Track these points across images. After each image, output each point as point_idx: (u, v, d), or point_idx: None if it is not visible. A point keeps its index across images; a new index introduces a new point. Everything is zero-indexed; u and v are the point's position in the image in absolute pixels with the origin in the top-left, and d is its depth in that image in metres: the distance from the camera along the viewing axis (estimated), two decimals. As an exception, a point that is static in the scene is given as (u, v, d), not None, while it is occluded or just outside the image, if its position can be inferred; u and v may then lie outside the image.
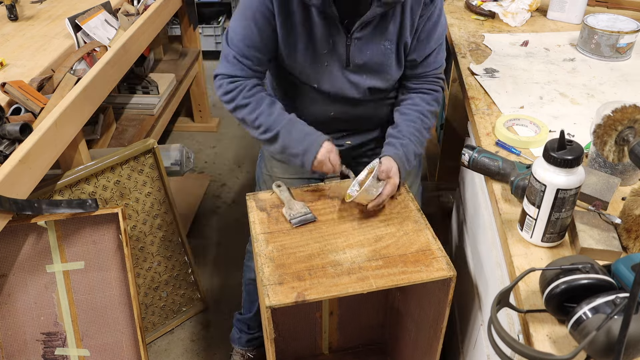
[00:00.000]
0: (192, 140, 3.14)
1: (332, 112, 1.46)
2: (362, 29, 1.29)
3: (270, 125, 1.31)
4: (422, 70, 1.41)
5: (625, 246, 1.00)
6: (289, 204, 1.32)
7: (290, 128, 1.31)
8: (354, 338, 1.75)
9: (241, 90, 1.32)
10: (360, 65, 1.35)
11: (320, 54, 1.33)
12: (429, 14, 1.32)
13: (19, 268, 1.54)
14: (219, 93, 1.35)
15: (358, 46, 1.32)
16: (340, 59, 1.34)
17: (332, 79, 1.37)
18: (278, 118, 1.32)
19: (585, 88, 1.57)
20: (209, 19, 3.87)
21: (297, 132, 1.31)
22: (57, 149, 1.45)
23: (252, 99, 1.32)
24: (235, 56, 1.31)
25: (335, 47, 1.32)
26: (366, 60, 1.34)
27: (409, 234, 1.26)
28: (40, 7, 2.19)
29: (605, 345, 0.73)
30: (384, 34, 1.31)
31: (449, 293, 1.19)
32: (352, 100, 1.42)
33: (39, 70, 1.68)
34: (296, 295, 1.10)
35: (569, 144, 0.93)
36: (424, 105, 1.41)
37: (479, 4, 2.08)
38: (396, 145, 1.35)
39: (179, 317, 2.02)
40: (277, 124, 1.31)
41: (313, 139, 1.31)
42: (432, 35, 1.35)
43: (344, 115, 1.47)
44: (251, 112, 1.32)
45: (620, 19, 1.74)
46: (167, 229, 1.87)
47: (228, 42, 1.33)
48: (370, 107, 1.47)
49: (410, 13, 1.29)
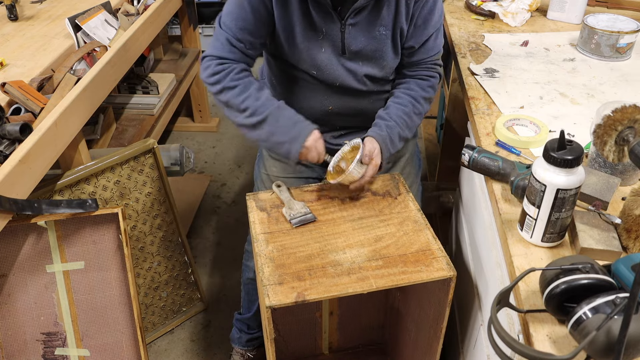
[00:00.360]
0: (192, 140, 3.14)
1: (330, 106, 1.46)
2: (355, 15, 1.28)
3: (257, 108, 1.28)
4: (420, 57, 1.40)
5: (625, 246, 1.00)
6: (289, 204, 1.32)
7: (279, 114, 1.29)
8: (354, 338, 1.75)
9: (229, 73, 1.29)
10: (356, 52, 1.35)
11: (317, 40, 1.32)
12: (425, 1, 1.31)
13: (19, 268, 1.54)
14: (206, 74, 1.31)
15: (352, 33, 1.31)
16: (336, 46, 1.34)
17: (330, 66, 1.37)
18: (266, 102, 1.29)
19: (585, 88, 1.57)
20: (209, 19, 3.87)
21: (285, 118, 1.29)
22: (57, 149, 1.45)
23: (240, 81, 1.29)
24: (227, 38, 1.29)
25: (330, 33, 1.31)
26: (361, 47, 1.34)
27: (408, 234, 1.26)
28: (40, 7, 2.19)
29: (605, 345, 0.73)
30: (378, 20, 1.30)
31: (449, 293, 1.19)
32: (350, 91, 1.42)
33: (39, 70, 1.68)
34: (296, 295, 1.10)
35: (569, 144, 0.93)
36: (418, 91, 1.40)
37: (479, 4, 2.08)
38: (381, 127, 1.35)
39: (179, 317, 2.02)
40: (265, 108, 1.28)
41: (302, 126, 1.29)
42: (429, 21, 1.34)
43: (343, 109, 1.47)
44: (238, 95, 1.29)
45: (620, 19, 1.74)
46: (167, 229, 1.87)
47: (220, 24, 1.31)
48: (367, 101, 1.46)
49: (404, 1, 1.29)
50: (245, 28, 1.28)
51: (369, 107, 1.47)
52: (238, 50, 1.30)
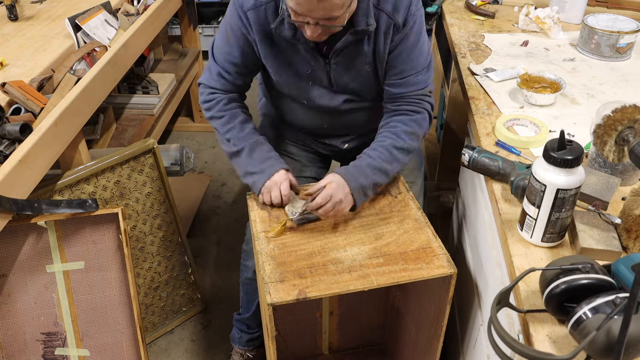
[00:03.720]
0: (192, 140, 3.14)
1: (325, 125, 1.51)
2: (337, 55, 1.32)
3: (238, 141, 1.37)
4: (401, 91, 1.37)
5: (625, 246, 1.00)
6: (292, 202, 1.32)
7: (255, 148, 1.37)
8: (354, 338, 1.75)
9: (218, 103, 1.39)
10: (344, 87, 1.39)
11: (305, 75, 1.37)
12: (402, 37, 1.30)
13: (19, 268, 1.54)
14: (200, 100, 1.44)
15: (338, 70, 1.35)
16: (324, 81, 1.38)
17: (320, 97, 1.41)
18: (247, 136, 1.38)
19: (585, 88, 1.57)
20: (209, 19, 3.87)
21: (260, 153, 1.36)
22: (57, 149, 1.45)
23: (227, 112, 1.39)
24: (218, 72, 1.38)
25: (317, 70, 1.35)
26: (348, 82, 1.38)
27: (409, 232, 1.26)
28: (40, 7, 2.19)
29: (605, 345, 0.73)
30: (361, 57, 1.33)
31: (449, 291, 1.19)
32: (342, 112, 1.45)
33: (39, 70, 1.68)
34: (297, 292, 1.10)
35: (569, 144, 0.93)
36: (400, 126, 1.36)
37: (479, 4, 2.08)
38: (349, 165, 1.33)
39: (179, 317, 2.02)
40: (244, 141, 1.37)
41: (272, 163, 1.35)
42: (409, 57, 1.33)
43: (337, 125, 1.52)
44: (224, 125, 1.39)
45: (620, 19, 1.74)
46: (167, 229, 1.87)
47: (213, 55, 1.40)
48: (361, 115, 1.49)
49: (383, 37, 1.30)
50: (233, 63, 1.37)
51: (364, 120, 1.50)
52: (228, 81, 1.39)
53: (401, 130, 1.35)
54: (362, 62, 1.33)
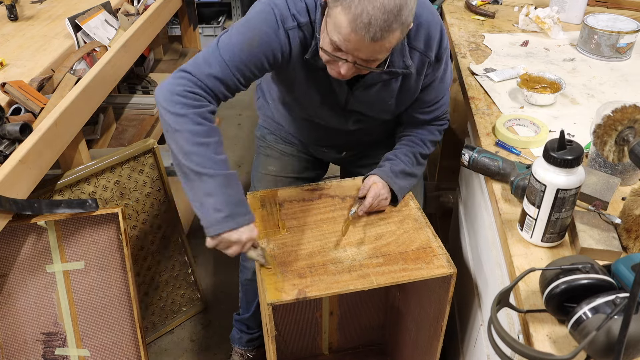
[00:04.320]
0: (192, 140, 3.13)
1: (332, 141, 1.52)
2: (364, 88, 1.28)
3: (210, 163, 1.11)
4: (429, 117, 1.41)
5: (625, 246, 1.00)
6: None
7: (230, 182, 1.13)
8: (354, 338, 1.75)
9: (201, 106, 1.13)
10: (359, 112, 1.37)
11: (318, 95, 1.31)
12: (435, 71, 1.31)
13: (19, 268, 1.54)
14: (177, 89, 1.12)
15: (358, 99, 1.32)
16: (339, 103, 1.34)
17: (330, 117, 1.39)
18: (222, 163, 1.13)
19: (585, 88, 1.57)
20: (209, 19, 3.87)
21: (234, 191, 1.13)
22: (57, 149, 1.45)
23: (207, 124, 1.13)
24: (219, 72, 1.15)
25: (335, 96, 1.31)
26: (364, 109, 1.36)
27: (409, 232, 1.26)
28: (40, 7, 2.19)
29: (605, 345, 0.73)
30: (386, 93, 1.31)
31: (449, 290, 1.19)
32: (350, 131, 1.45)
33: (39, 70, 1.68)
34: (297, 292, 1.10)
35: (569, 144, 0.93)
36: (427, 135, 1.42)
37: (479, 4, 2.08)
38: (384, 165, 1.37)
39: (179, 317, 2.02)
40: (218, 167, 1.12)
41: (245, 211, 1.13)
42: (439, 86, 1.35)
43: (341, 141, 1.52)
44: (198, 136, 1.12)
45: (620, 19, 1.74)
46: (167, 229, 1.87)
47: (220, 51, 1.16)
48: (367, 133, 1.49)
49: (416, 75, 1.28)
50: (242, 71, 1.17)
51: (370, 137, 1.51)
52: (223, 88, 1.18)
53: (427, 139, 1.42)
54: (387, 96, 1.31)
